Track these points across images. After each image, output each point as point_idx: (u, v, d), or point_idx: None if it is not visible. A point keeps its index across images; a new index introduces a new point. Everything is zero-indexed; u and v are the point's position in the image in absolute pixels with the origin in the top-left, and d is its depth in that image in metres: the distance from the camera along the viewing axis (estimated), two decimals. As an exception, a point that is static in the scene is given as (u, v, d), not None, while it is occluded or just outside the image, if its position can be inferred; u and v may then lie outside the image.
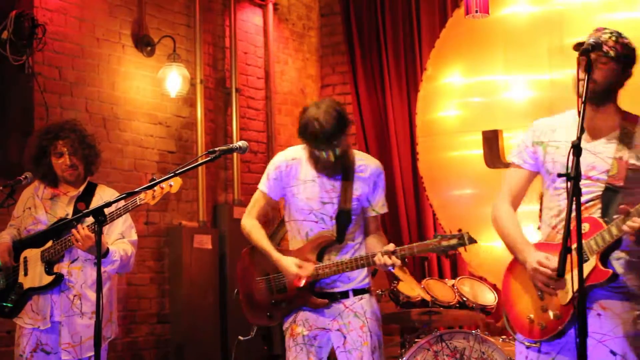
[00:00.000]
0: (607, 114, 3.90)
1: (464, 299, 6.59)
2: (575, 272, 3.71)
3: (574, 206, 3.37)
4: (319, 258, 4.66)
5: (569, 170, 3.41)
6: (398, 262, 4.47)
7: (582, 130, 3.47)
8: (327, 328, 4.69)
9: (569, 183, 3.44)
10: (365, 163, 4.78)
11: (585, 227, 3.75)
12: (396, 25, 8.99)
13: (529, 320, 3.93)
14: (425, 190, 8.58)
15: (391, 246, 4.49)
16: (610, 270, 3.58)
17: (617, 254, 3.76)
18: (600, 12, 7.75)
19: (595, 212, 3.80)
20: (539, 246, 3.95)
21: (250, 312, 4.90)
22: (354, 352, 4.62)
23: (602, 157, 3.83)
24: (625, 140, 3.79)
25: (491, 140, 8.03)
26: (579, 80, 3.73)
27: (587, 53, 3.56)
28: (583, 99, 3.50)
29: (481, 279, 7.43)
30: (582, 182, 3.80)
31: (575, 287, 3.71)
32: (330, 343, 4.72)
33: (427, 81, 8.62)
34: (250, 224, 4.86)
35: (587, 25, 7.60)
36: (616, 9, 7.73)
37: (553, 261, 3.78)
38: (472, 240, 4.34)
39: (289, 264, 4.64)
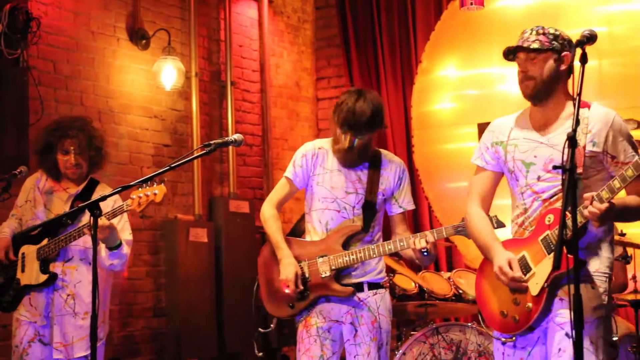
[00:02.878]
0: (556, 105, 3.95)
1: (460, 291, 6.59)
2: (543, 263, 3.82)
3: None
4: (345, 247, 4.68)
5: (564, 163, 3.45)
6: (432, 238, 4.51)
7: (577, 123, 3.49)
8: (340, 321, 4.71)
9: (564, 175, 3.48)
10: (389, 159, 4.83)
11: (550, 218, 3.82)
12: (391, 18, 8.98)
13: (502, 314, 3.97)
14: (420, 182, 8.59)
15: (424, 232, 4.56)
16: (571, 256, 3.50)
17: (582, 243, 3.80)
18: (595, 5, 7.76)
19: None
20: (507, 243, 4.01)
21: (271, 304, 4.86)
22: (363, 345, 4.64)
23: (559, 148, 3.83)
24: (580, 126, 3.76)
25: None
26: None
27: (582, 45, 3.58)
28: (578, 89, 3.52)
29: (477, 271, 7.42)
30: (544, 176, 3.91)
31: (544, 278, 3.79)
32: (342, 337, 4.73)
33: (422, 74, 8.62)
34: (270, 213, 4.90)
35: (582, 17, 7.63)
36: (611, 2, 7.73)
37: (515, 267, 3.87)
38: (501, 224, 4.36)
39: (289, 266, 4.65)
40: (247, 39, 8.84)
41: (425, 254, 4.54)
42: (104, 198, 4.20)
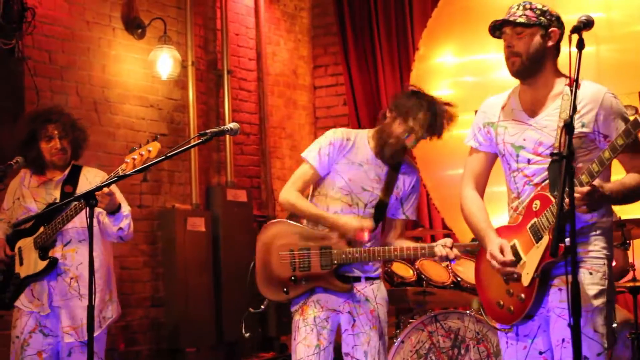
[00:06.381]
0: (545, 84, 3.87)
1: (458, 279, 6.58)
2: (532, 252, 3.77)
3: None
4: (348, 243, 4.65)
5: (562, 149, 3.38)
6: (459, 254, 4.49)
7: (574, 109, 3.42)
8: (338, 310, 4.69)
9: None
10: (410, 165, 4.83)
11: (537, 204, 3.76)
12: (388, 5, 8.95)
13: (498, 305, 3.94)
14: (418, 170, 8.56)
15: (449, 241, 4.49)
16: (563, 245, 3.40)
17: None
18: (593, -10, 7.72)
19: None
20: (501, 230, 3.95)
21: (265, 285, 4.80)
22: (362, 335, 4.63)
23: (547, 131, 3.81)
24: (568, 107, 3.66)
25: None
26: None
27: (579, 31, 3.51)
28: (575, 76, 3.46)
29: (475, 261, 7.41)
30: (534, 159, 3.84)
31: (534, 268, 3.73)
32: (337, 326, 4.72)
33: (419, 61, 8.59)
34: (295, 195, 4.73)
35: (579, 2, 7.59)
36: (609, -13, 7.70)
37: (506, 252, 3.82)
38: None
39: (349, 219, 4.59)
40: (243, 27, 8.82)
41: (453, 262, 4.59)
42: (100, 187, 4.21)
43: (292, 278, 4.70)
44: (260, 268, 4.83)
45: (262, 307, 4.96)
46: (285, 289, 4.73)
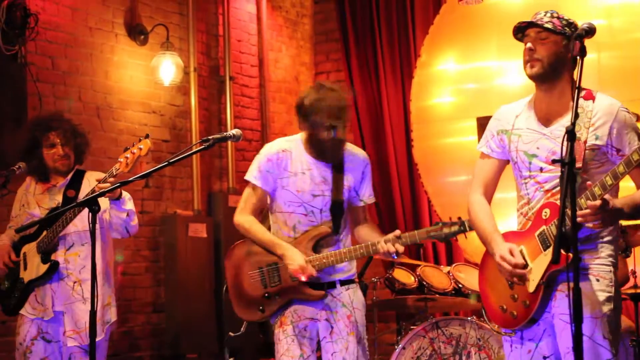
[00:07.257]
0: (561, 94, 3.88)
1: (460, 285, 6.58)
2: (539, 259, 3.77)
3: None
4: (314, 250, 4.64)
5: (563, 156, 3.40)
6: (402, 248, 4.45)
7: (576, 116, 3.45)
8: (315, 318, 4.67)
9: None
10: (353, 154, 4.77)
11: (547, 212, 3.78)
12: (390, 12, 8.96)
13: (501, 310, 3.94)
14: (420, 177, 8.58)
15: (397, 232, 4.48)
16: (570, 254, 3.43)
17: (581, 235, 3.71)
18: (594, -2, 7.74)
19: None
20: (508, 235, 3.95)
21: (240, 307, 4.81)
22: (340, 341, 4.60)
23: (560, 141, 3.74)
24: (582, 119, 3.75)
25: (486, 127, 8.02)
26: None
27: (581, 38, 3.54)
28: (577, 83, 3.48)
29: (477, 265, 7.42)
30: (547, 167, 3.86)
31: (540, 275, 3.74)
32: (317, 334, 4.70)
33: (421, 68, 8.60)
34: (248, 219, 4.74)
35: (580, 10, 7.61)
36: (611, -6, 7.72)
37: (516, 255, 3.81)
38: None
39: (297, 254, 4.57)
40: (245, 33, 8.83)
41: (394, 257, 4.52)
42: (103, 193, 4.22)
43: (266, 295, 4.69)
44: (233, 291, 4.83)
45: (242, 329, 4.97)
46: (260, 307, 4.72)
